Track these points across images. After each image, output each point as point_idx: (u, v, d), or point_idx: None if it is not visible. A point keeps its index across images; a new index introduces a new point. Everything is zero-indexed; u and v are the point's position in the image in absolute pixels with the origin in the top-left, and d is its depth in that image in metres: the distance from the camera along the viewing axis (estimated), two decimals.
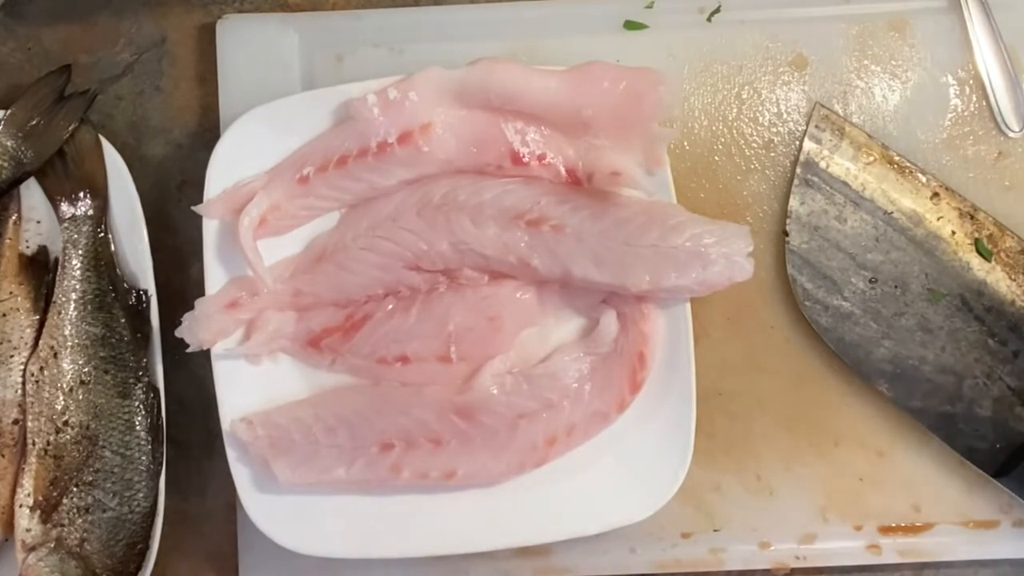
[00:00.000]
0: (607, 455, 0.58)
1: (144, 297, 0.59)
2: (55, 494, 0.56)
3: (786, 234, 0.62)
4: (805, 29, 0.64)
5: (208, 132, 0.64)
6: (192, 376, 0.62)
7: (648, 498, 0.57)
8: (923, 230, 0.62)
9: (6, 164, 0.58)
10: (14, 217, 0.60)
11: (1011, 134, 0.64)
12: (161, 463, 0.58)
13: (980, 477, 0.61)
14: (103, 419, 0.57)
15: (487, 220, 0.57)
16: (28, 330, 0.58)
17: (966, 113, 0.64)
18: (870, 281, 0.62)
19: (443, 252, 0.58)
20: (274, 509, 0.57)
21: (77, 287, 0.58)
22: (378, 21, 0.64)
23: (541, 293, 0.59)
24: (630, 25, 0.64)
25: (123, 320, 0.58)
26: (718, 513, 0.62)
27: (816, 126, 0.63)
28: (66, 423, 0.57)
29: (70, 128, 0.59)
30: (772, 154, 0.64)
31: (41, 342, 0.58)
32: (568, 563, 0.62)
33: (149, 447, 0.58)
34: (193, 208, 0.57)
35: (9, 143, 0.58)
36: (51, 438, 0.56)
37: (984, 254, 0.62)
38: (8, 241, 0.60)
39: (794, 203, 0.62)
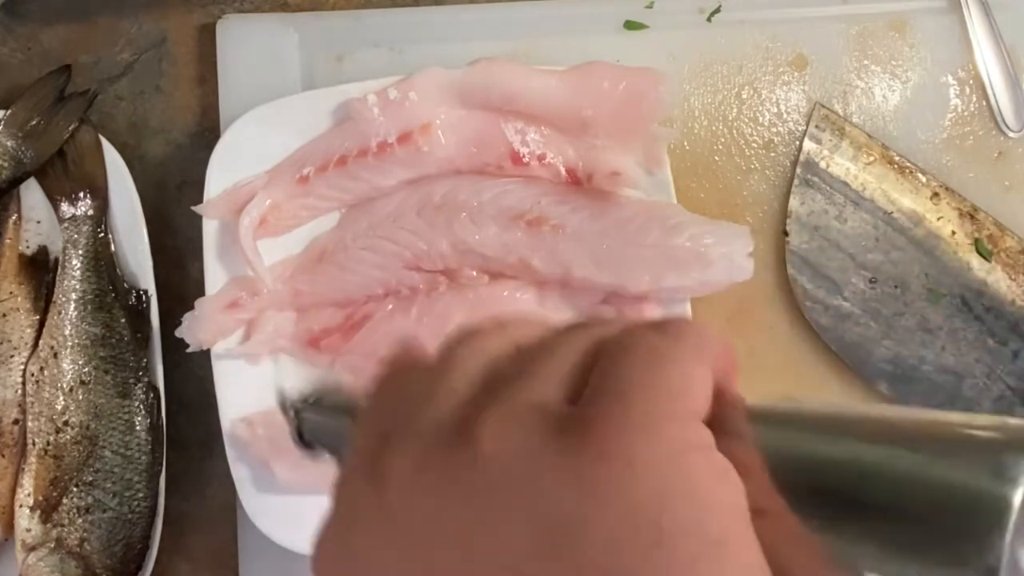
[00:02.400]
0: None
1: (144, 297, 0.59)
2: (55, 494, 0.56)
3: (786, 234, 0.62)
4: (805, 29, 0.64)
5: (208, 132, 0.64)
6: (192, 376, 0.62)
7: None
8: (923, 230, 0.62)
9: (6, 164, 0.58)
10: (14, 217, 0.60)
11: (1011, 134, 0.64)
12: (161, 463, 0.58)
13: None
14: (103, 419, 0.57)
15: (487, 220, 0.57)
16: (28, 330, 0.58)
17: (966, 113, 0.64)
18: (870, 281, 0.62)
19: (443, 252, 0.58)
20: (274, 509, 0.57)
21: (77, 287, 0.58)
22: (378, 21, 0.64)
23: (541, 293, 0.59)
24: (630, 25, 0.64)
25: (123, 320, 0.58)
26: None
27: (816, 126, 0.63)
28: (66, 423, 0.57)
29: (70, 128, 0.59)
30: (772, 154, 0.64)
31: (41, 342, 0.58)
32: None
33: (149, 447, 0.58)
34: (193, 208, 0.57)
35: (9, 143, 0.58)
36: (51, 438, 0.56)
37: (984, 254, 0.62)
38: (8, 241, 0.60)
39: (794, 203, 0.62)
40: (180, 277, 0.63)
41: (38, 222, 0.61)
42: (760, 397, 0.26)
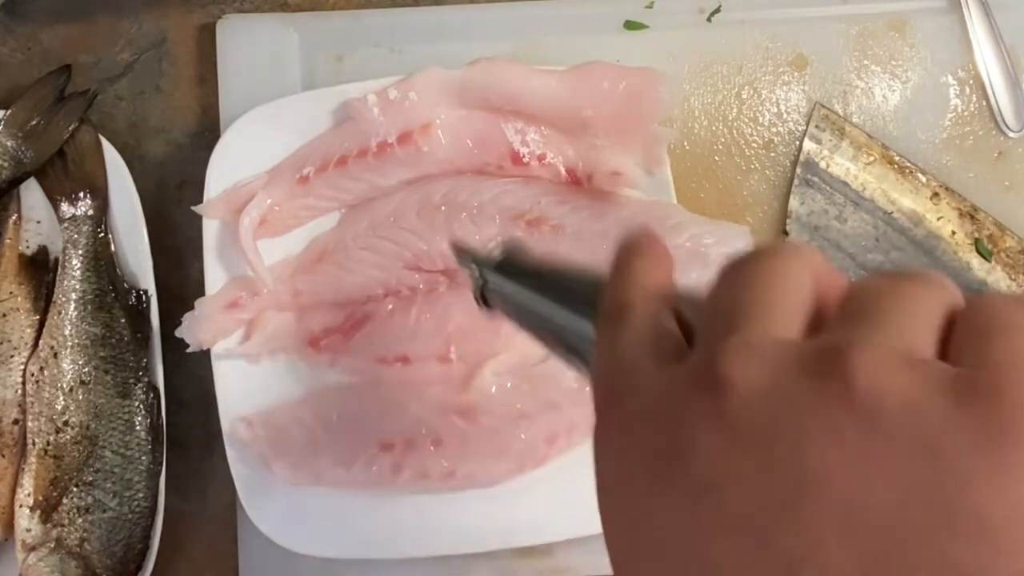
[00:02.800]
0: None
1: (144, 297, 0.59)
2: (55, 494, 0.56)
3: (786, 234, 0.62)
4: (805, 29, 0.64)
5: (208, 132, 0.64)
6: (192, 376, 0.62)
7: None
8: (923, 230, 0.62)
9: (6, 164, 0.58)
10: (14, 217, 0.60)
11: (1011, 134, 0.64)
12: (161, 463, 0.58)
13: None
14: (103, 419, 0.57)
15: (487, 220, 0.57)
16: (28, 330, 0.58)
17: (966, 113, 0.64)
18: None
19: (443, 252, 0.58)
20: (274, 509, 0.57)
21: (77, 287, 0.58)
22: (378, 21, 0.64)
23: None
24: (630, 25, 0.64)
25: (123, 320, 0.58)
26: None
27: (816, 126, 0.63)
28: (66, 423, 0.57)
29: (70, 128, 0.59)
30: (772, 154, 0.64)
31: (41, 342, 0.58)
32: (568, 563, 0.62)
33: (149, 447, 0.58)
34: (193, 208, 0.57)
35: (9, 143, 0.58)
36: (51, 438, 0.56)
37: (984, 254, 0.62)
38: (8, 241, 0.59)
39: (794, 203, 0.62)
40: (180, 277, 0.63)
41: (38, 222, 0.61)
42: None
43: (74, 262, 0.58)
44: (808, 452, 0.18)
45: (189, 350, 0.56)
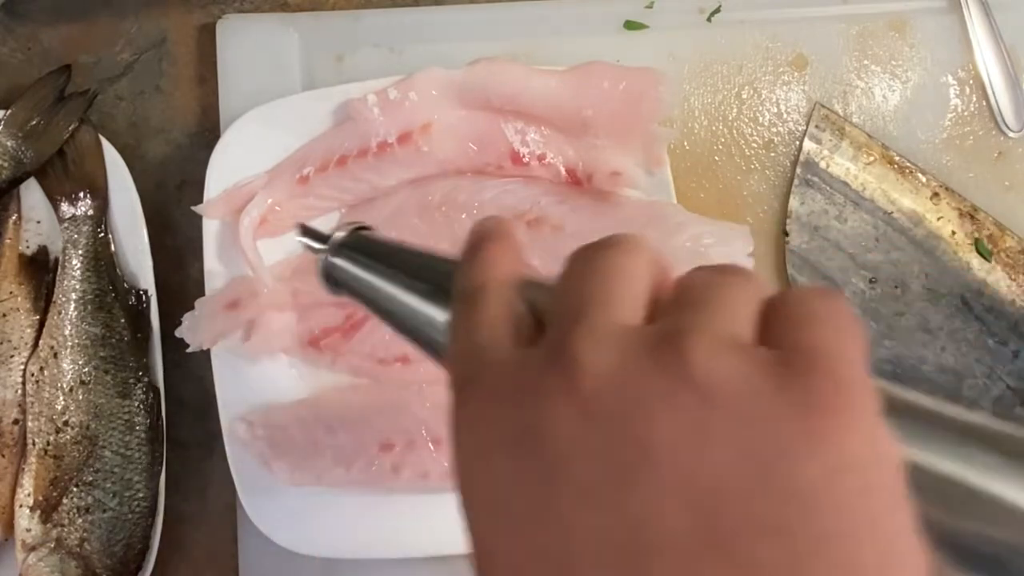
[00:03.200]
0: None
1: (144, 297, 0.59)
2: (55, 494, 0.56)
3: (786, 234, 0.62)
4: (805, 29, 0.64)
5: (208, 132, 0.64)
6: (192, 376, 0.62)
7: None
8: (923, 230, 0.62)
9: (6, 164, 0.58)
10: (14, 217, 0.60)
11: (1011, 134, 0.64)
12: (161, 463, 0.58)
13: None
14: (103, 419, 0.57)
15: None
16: (28, 330, 0.58)
17: (966, 113, 0.64)
18: (870, 281, 0.62)
19: (443, 252, 0.58)
20: (274, 509, 0.57)
21: (77, 287, 0.58)
22: (378, 21, 0.64)
23: None
24: (630, 25, 0.64)
25: (123, 320, 0.58)
26: None
27: (816, 126, 0.63)
28: (66, 423, 0.57)
29: (70, 128, 0.59)
30: (772, 154, 0.64)
31: (41, 342, 0.58)
32: None
33: (149, 447, 0.58)
34: (193, 208, 0.57)
35: (9, 143, 0.58)
36: (51, 438, 0.56)
37: (984, 254, 0.62)
38: (8, 241, 0.60)
39: (794, 203, 0.62)
40: (180, 277, 0.63)
41: (38, 222, 0.61)
42: None
43: (74, 262, 0.58)
44: (651, 424, 0.20)
45: (189, 350, 0.56)
